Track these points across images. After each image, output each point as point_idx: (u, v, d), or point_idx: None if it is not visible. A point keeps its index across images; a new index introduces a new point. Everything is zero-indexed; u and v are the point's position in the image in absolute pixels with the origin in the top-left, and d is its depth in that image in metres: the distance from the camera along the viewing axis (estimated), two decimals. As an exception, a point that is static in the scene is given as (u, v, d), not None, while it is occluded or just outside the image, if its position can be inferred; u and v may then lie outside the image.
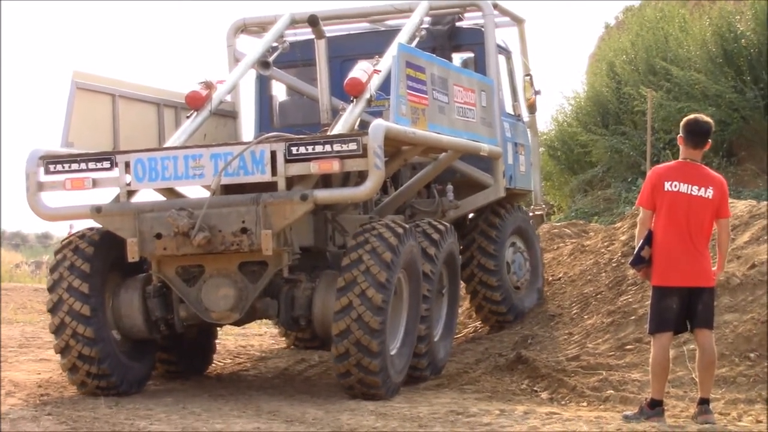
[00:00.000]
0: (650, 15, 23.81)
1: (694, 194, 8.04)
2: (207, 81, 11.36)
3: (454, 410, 8.81)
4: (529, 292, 13.42)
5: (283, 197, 9.45)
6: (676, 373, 9.22)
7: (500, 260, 12.93)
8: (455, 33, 13.25)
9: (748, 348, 9.40)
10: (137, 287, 10.22)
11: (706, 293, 8.13)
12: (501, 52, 13.48)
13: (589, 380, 9.63)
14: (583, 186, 23.65)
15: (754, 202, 12.35)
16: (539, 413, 8.58)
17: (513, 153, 13.21)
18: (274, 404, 9.47)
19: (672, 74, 20.63)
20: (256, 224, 9.41)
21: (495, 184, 12.56)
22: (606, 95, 23.51)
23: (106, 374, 9.99)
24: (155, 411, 9.22)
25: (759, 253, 10.68)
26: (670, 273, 8.05)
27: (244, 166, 9.53)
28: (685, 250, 8.01)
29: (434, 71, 10.66)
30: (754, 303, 9.92)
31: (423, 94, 10.29)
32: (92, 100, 10.99)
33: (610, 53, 24.57)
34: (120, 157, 9.92)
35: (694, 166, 8.18)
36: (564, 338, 11.53)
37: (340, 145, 9.32)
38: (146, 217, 9.71)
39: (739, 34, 20.43)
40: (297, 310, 9.99)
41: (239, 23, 13.49)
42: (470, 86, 11.70)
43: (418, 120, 10.10)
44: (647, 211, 8.19)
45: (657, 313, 8.14)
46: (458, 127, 11.21)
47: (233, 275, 9.84)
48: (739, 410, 8.38)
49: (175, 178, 9.79)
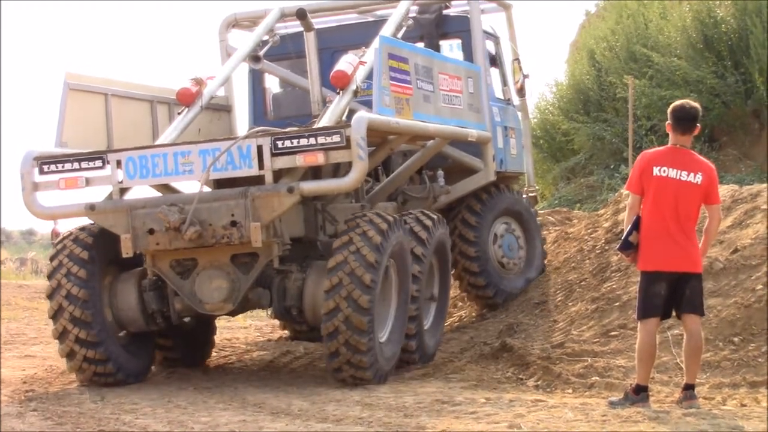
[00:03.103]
0: (630, 2, 23.82)
1: (683, 179, 8.04)
2: (197, 77, 11.53)
3: (439, 399, 8.81)
4: (523, 275, 13.53)
5: (271, 190, 9.64)
6: (661, 359, 9.24)
7: (481, 246, 13.07)
8: (442, 21, 13.44)
9: (731, 332, 9.43)
10: (133, 281, 10.45)
11: (694, 279, 8.14)
12: (489, 37, 13.68)
13: (574, 367, 9.65)
14: (565, 174, 23.67)
15: (736, 187, 12.38)
16: (525, 401, 8.59)
17: (503, 137, 13.42)
18: (259, 396, 9.46)
19: (653, 61, 20.66)
20: (245, 217, 9.62)
21: (485, 168, 12.81)
22: (587, 83, 23.53)
23: (102, 359, 10.18)
24: (141, 405, 9.21)
25: (741, 237, 10.71)
26: (659, 258, 8.07)
27: (231, 161, 9.76)
28: (673, 235, 8.03)
29: (418, 61, 10.81)
30: (737, 287, 9.95)
31: (407, 84, 10.45)
32: (85, 100, 11.17)
33: (591, 41, 24.58)
34: (111, 155, 10.16)
35: (683, 151, 8.18)
36: (549, 326, 11.54)
37: (324, 137, 9.53)
38: (139, 213, 9.92)
39: (719, 20, 20.46)
40: (289, 300, 10.17)
41: (230, 18, 13.76)
42: (456, 74, 11.89)
43: (402, 110, 10.28)
44: (636, 196, 8.20)
45: (645, 299, 8.15)
46: (445, 114, 11.38)
47: (226, 267, 10.03)
48: (724, 394, 8.41)
49: (166, 175, 10.01)
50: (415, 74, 10.70)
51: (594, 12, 30.93)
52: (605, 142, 21.87)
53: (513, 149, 13.78)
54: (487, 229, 13.20)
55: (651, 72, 20.65)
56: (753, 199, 11.48)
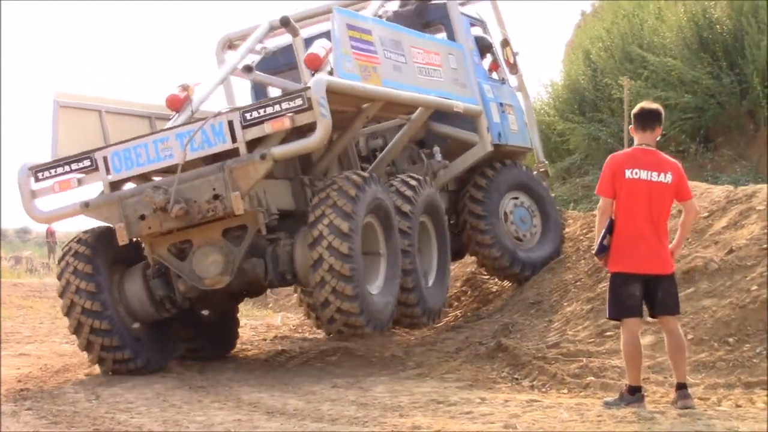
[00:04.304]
0: (625, 2, 23.81)
1: (654, 180, 8.08)
2: (184, 84, 11.99)
3: (434, 399, 8.82)
4: (541, 246, 13.80)
5: (245, 160, 10.29)
6: (656, 359, 9.25)
7: (491, 219, 13.63)
8: (422, 11, 14.07)
9: (726, 333, 9.43)
10: (139, 273, 11.20)
11: (665, 280, 8.16)
12: (475, 22, 14.41)
13: (569, 367, 9.65)
14: (561, 174, 23.65)
15: (731, 188, 12.40)
16: (520, 401, 8.59)
17: (499, 112, 13.95)
18: (254, 395, 9.46)
19: (648, 61, 20.65)
20: (225, 189, 10.28)
21: (481, 141, 13.45)
22: (582, 83, 23.52)
23: (118, 346, 10.83)
24: (136, 404, 9.21)
25: (736, 238, 10.72)
26: (632, 259, 8.08)
27: (207, 140, 10.39)
28: (647, 236, 8.05)
29: (383, 33, 11.53)
30: (732, 288, 9.96)
31: (372, 54, 11.13)
32: (78, 117, 11.73)
33: (587, 41, 24.57)
34: (98, 153, 10.77)
35: (650, 152, 8.21)
36: (544, 326, 11.55)
37: (287, 103, 10.19)
38: (129, 202, 10.60)
39: (714, 20, 20.44)
40: (281, 265, 10.85)
41: (225, 40, 14.62)
42: (433, 49, 12.57)
43: (369, 77, 10.95)
44: (607, 200, 8.22)
45: (620, 300, 8.15)
46: (423, 85, 12.07)
47: (218, 242, 10.68)
48: (719, 395, 8.41)
49: (149, 162, 10.62)
50: (381, 45, 11.33)
51: (590, 12, 30.95)
52: (601, 142, 21.84)
53: (513, 125, 14.31)
54: (495, 203, 13.74)
55: (646, 73, 20.64)
56: (748, 199, 11.49)
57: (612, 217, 8.17)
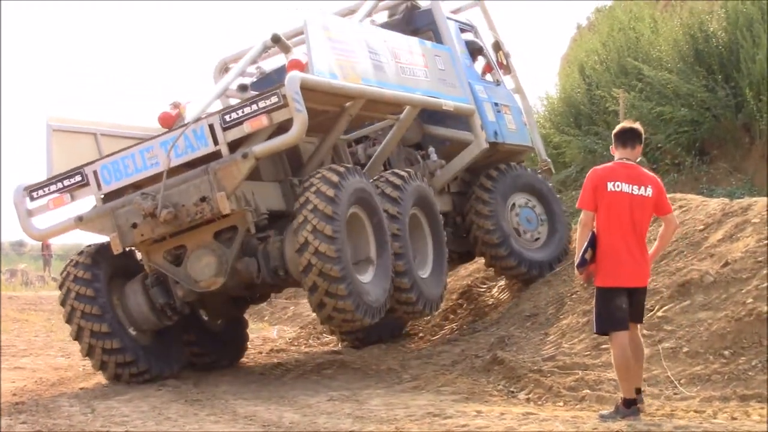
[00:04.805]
0: (621, 15, 23.86)
1: (635, 193, 8.19)
2: (175, 102, 12.35)
3: (430, 412, 8.81)
4: (548, 245, 13.96)
5: (228, 161, 10.56)
6: (652, 372, 9.25)
7: (497, 219, 13.86)
8: (410, 19, 14.39)
9: (722, 346, 9.43)
10: (138, 283, 11.43)
11: (641, 292, 8.39)
12: (465, 28, 14.82)
13: (565, 380, 9.65)
14: (557, 186, 23.65)
15: (726, 200, 12.42)
16: (516, 414, 8.58)
17: (494, 111, 14.27)
18: (250, 409, 9.45)
19: (644, 74, 20.68)
20: (211, 191, 10.54)
21: (476, 139, 13.71)
22: (578, 96, 23.55)
23: (118, 348, 11.07)
24: (131, 417, 9.20)
25: (732, 251, 10.73)
26: (618, 273, 8.17)
27: (190, 145, 10.68)
28: (629, 250, 8.17)
29: (361, 35, 11.90)
30: (727, 301, 9.96)
31: (350, 53, 11.47)
32: (73, 140, 11.98)
33: (582, 54, 24.61)
34: (88, 168, 11.06)
35: (631, 166, 8.33)
36: (540, 338, 11.54)
37: (264, 101, 10.45)
38: (120, 212, 10.88)
39: (710, 34, 20.48)
40: (273, 261, 11.06)
41: (221, 64, 15.01)
42: (418, 51, 12.94)
43: (348, 75, 11.22)
44: (589, 213, 8.28)
45: (609, 314, 8.22)
46: (407, 84, 12.39)
47: (210, 245, 10.96)
48: (714, 408, 8.41)
49: (137, 172, 10.91)
50: (359, 45, 11.66)
51: (585, 25, 30.99)
52: (596, 155, 21.82)
53: (510, 124, 14.62)
54: (501, 204, 13.98)
55: (640, 85, 20.67)
56: (743, 212, 11.50)
57: (594, 231, 8.23)
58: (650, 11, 23.55)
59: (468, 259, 15.09)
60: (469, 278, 15.94)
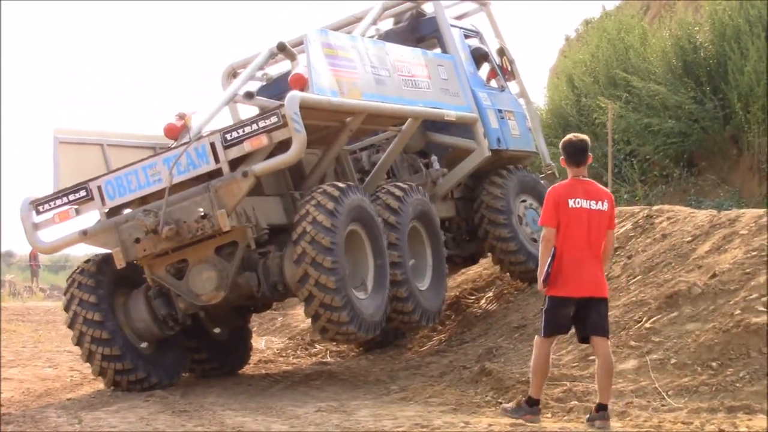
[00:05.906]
0: (610, 27, 23.92)
1: (593, 209, 8.50)
2: (180, 113, 12.34)
3: (418, 423, 8.80)
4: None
5: (228, 179, 10.73)
6: (640, 383, 9.27)
7: (508, 215, 14.03)
8: (416, 27, 14.47)
9: (710, 357, 9.44)
10: (141, 294, 11.63)
11: (602, 303, 8.57)
12: (470, 34, 14.86)
13: (553, 391, 9.64)
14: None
15: (714, 212, 12.44)
16: (504, 425, 8.58)
17: (498, 118, 14.38)
18: (238, 420, 9.43)
19: (632, 86, 20.74)
20: (212, 208, 10.72)
21: (479, 147, 13.85)
22: (566, 108, 23.59)
23: (117, 355, 11.29)
24: (119, 428, 9.17)
25: (720, 262, 10.75)
26: (574, 284, 8.43)
27: (192, 162, 10.86)
28: (587, 262, 8.46)
29: (362, 49, 11.94)
30: (715, 312, 9.98)
31: (351, 69, 11.57)
32: (79, 152, 12.12)
33: (570, 65, 24.66)
34: (92, 183, 11.23)
35: (586, 182, 8.65)
36: (528, 350, 11.51)
37: (263, 121, 10.63)
38: (124, 227, 11.07)
39: (698, 46, 20.57)
40: (272, 277, 11.24)
41: (229, 69, 15.15)
42: (420, 62, 13.01)
43: (348, 92, 11.36)
44: (551, 230, 8.52)
45: (554, 320, 8.56)
46: (409, 96, 12.50)
47: (212, 259, 11.12)
48: (702, 419, 8.42)
49: (140, 188, 11.08)
50: (361, 60, 11.77)
51: (574, 36, 31.05)
52: (584, 166, 21.90)
53: (514, 130, 14.74)
54: (512, 201, 14.15)
55: (627, 96, 20.73)
56: (731, 224, 11.53)
57: (555, 247, 8.47)
58: (639, 23, 23.61)
59: (470, 263, 15.27)
60: (457, 289, 15.93)
